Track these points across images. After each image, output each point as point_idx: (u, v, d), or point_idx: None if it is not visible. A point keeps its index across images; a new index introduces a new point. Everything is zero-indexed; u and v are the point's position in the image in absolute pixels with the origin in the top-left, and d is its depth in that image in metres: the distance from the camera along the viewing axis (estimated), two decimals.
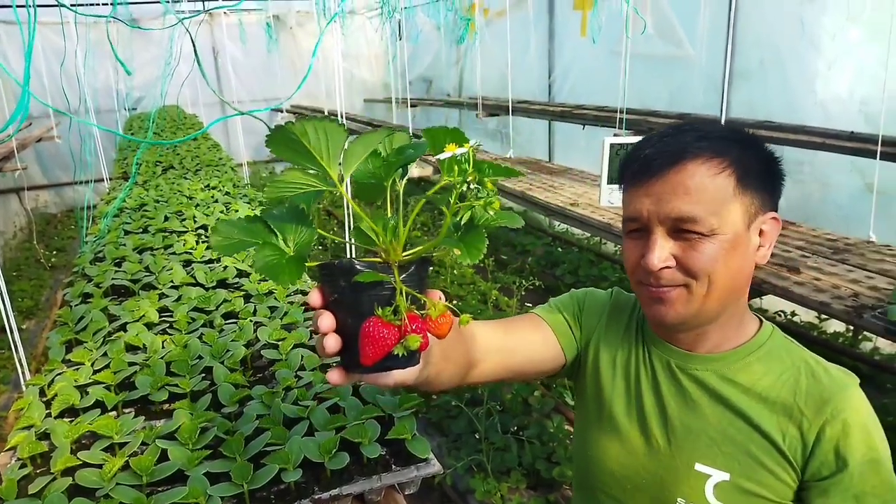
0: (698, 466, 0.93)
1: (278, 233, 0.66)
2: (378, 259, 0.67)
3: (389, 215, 0.69)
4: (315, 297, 0.68)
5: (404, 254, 0.67)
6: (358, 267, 0.64)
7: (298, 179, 0.64)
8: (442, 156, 0.65)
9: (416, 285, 0.66)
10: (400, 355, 0.62)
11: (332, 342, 0.65)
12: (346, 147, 0.63)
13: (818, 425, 0.88)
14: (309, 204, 0.68)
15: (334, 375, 0.68)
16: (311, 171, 0.64)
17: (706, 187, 0.86)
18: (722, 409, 0.93)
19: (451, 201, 0.65)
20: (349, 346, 0.65)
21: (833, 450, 0.87)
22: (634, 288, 0.95)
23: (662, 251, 0.88)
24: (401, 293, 0.63)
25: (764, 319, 1.00)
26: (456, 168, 0.64)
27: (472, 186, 0.65)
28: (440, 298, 0.68)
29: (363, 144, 0.65)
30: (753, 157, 0.90)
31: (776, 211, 0.93)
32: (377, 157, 0.71)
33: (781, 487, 0.90)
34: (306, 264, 0.65)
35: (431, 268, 0.76)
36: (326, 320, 0.65)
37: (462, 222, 0.68)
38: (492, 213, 0.65)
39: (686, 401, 0.96)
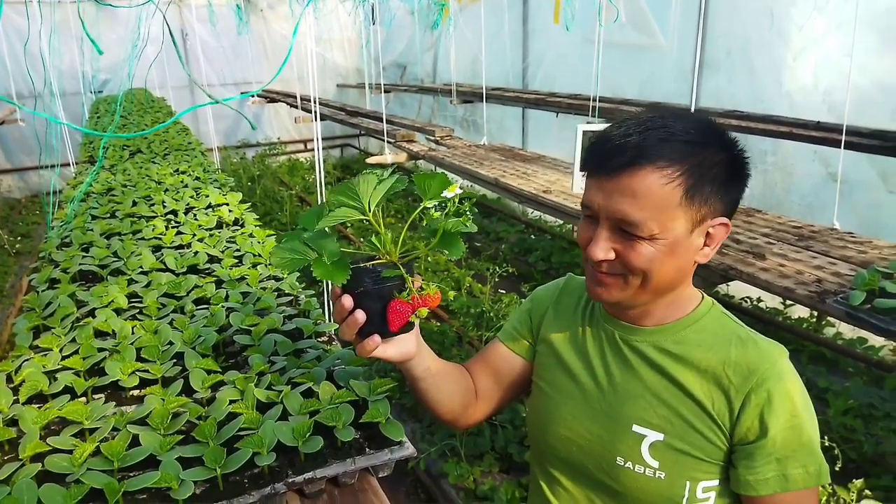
0: (635, 428, 1.01)
1: (316, 249, 0.91)
2: (383, 260, 0.97)
3: (383, 232, 0.97)
4: (336, 290, 0.95)
5: (402, 256, 0.98)
6: (378, 269, 0.94)
7: (346, 214, 0.94)
8: (446, 194, 0.96)
9: (410, 274, 0.97)
10: (412, 322, 0.97)
11: (361, 315, 0.93)
12: (375, 188, 0.94)
13: (744, 393, 0.95)
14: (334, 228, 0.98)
15: (372, 342, 0.95)
16: (355, 206, 0.94)
17: (653, 195, 0.91)
18: (658, 376, 1.01)
19: (441, 219, 0.97)
20: (372, 322, 0.95)
21: (758, 416, 0.94)
22: (584, 263, 1.03)
23: (605, 244, 0.96)
24: (410, 281, 0.95)
25: (705, 295, 1.08)
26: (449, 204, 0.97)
27: (453, 208, 0.96)
28: (422, 282, 0.97)
29: (383, 188, 0.95)
30: (715, 161, 0.93)
31: (730, 214, 0.98)
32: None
33: (711, 448, 0.97)
34: (349, 267, 0.92)
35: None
36: (348, 301, 0.93)
37: (436, 229, 0.97)
38: (467, 224, 0.96)
39: (627, 368, 1.05)
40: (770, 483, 0.93)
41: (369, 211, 0.94)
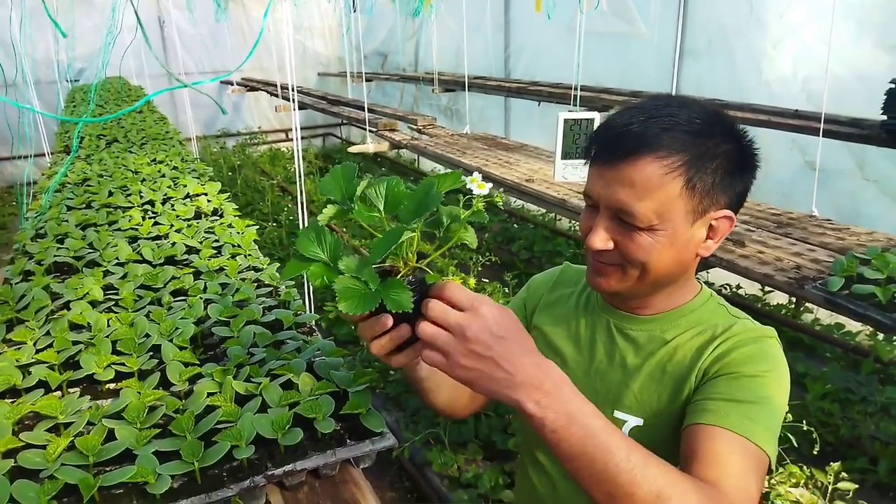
0: (616, 413, 1.01)
1: (359, 276, 0.86)
2: (405, 269, 0.91)
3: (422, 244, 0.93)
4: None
5: (419, 259, 0.94)
6: (415, 280, 0.88)
7: (396, 233, 0.87)
8: (475, 191, 0.90)
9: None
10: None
11: (406, 330, 0.84)
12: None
13: (722, 350, 0.95)
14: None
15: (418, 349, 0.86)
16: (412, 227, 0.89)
17: (652, 185, 0.89)
18: (644, 363, 1.01)
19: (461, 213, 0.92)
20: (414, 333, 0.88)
21: (729, 364, 0.93)
22: (585, 252, 1.02)
23: (604, 234, 0.94)
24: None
25: (704, 286, 1.08)
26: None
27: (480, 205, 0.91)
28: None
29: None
30: (719, 152, 0.91)
31: (735, 207, 0.96)
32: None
33: None
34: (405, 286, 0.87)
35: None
36: (389, 320, 0.83)
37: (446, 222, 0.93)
38: (481, 210, 0.91)
39: (614, 355, 1.05)
40: (710, 414, 0.87)
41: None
